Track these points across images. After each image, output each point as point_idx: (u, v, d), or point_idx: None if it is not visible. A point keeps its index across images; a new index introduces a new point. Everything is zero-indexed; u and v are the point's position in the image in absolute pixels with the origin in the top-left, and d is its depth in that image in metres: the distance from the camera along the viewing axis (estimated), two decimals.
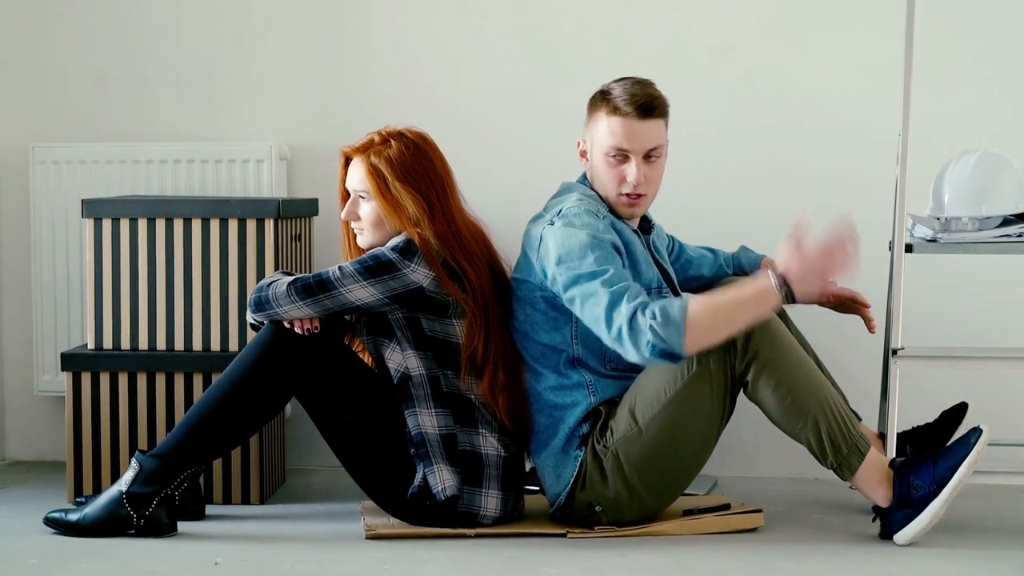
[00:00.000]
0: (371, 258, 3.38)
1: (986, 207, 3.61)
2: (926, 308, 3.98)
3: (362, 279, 3.36)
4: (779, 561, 3.23)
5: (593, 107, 3.50)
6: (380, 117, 3.55)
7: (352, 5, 4.26)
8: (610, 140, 3.46)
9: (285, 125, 4.26)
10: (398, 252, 3.37)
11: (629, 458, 3.37)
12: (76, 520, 3.40)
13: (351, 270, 3.37)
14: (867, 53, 4.09)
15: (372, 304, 3.38)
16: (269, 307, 3.38)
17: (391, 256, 3.37)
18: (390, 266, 3.36)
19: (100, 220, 3.78)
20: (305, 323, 3.39)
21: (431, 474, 3.37)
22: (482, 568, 3.18)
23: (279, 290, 3.38)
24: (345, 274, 3.36)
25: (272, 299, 3.38)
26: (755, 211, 4.05)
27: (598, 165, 3.49)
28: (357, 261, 3.38)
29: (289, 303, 3.37)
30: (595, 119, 3.49)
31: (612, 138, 3.46)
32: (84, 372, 3.78)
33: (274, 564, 3.21)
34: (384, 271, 3.36)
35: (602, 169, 3.49)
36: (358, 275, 3.36)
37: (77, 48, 4.31)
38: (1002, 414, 3.89)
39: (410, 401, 3.41)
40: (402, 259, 3.36)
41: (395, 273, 3.36)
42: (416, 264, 3.36)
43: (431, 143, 3.49)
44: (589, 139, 3.51)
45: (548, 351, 3.45)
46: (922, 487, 3.30)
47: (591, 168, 3.52)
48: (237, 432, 3.43)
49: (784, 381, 3.30)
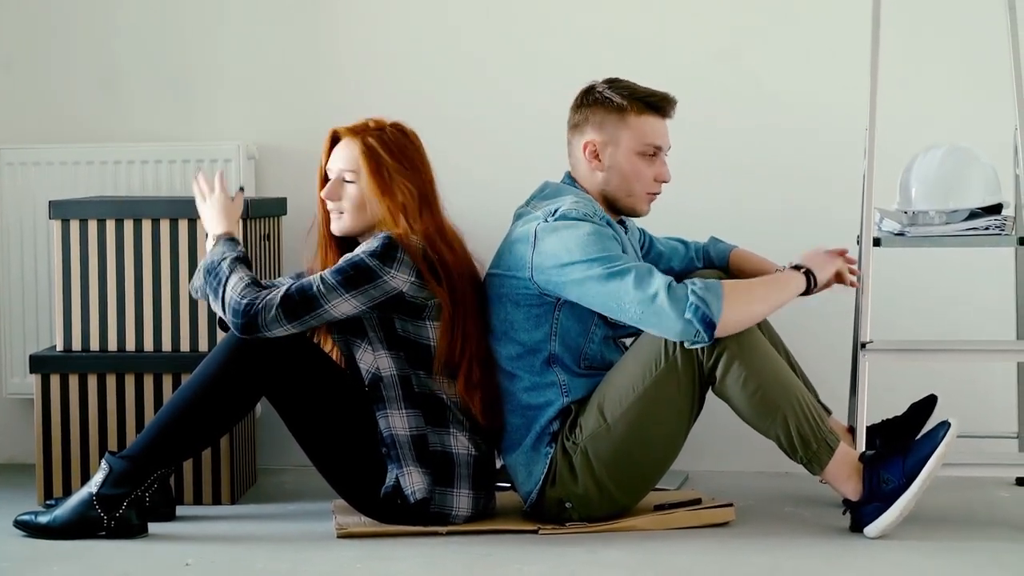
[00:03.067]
0: (350, 266, 3.34)
1: (953, 201, 3.63)
2: (894, 302, 4.00)
3: (344, 291, 3.32)
4: (750, 555, 3.24)
5: (611, 108, 3.49)
6: (350, 116, 3.54)
7: (321, 3, 4.25)
8: (646, 138, 3.49)
9: (253, 124, 4.25)
10: (377, 258, 3.34)
11: (598, 455, 3.38)
12: (46, 522, 3.39)
13: (333, 282, 3.32)
14: (832, 48, 4.10)
15: (354, 315, 3.37)
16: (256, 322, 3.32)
17: (370, 263, 3.33)
18: (370, 274, 3.33)
19: (68, 221, 3.77)
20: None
21: (402, 476, 3.37)
22: (454, 566, 3.18)
23: (269, 316, 3.32)
24: (328, 287, 3.32)
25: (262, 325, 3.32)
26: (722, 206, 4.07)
27: (626, 165, 3.49)
28: (337, 271, 3.33)
29: (277, 327, 3.33)
30: (618, 120, 3.48)
31: (649, 136, 3.49)
32: (53, 374, 3.76)
33: (246, 564, 3.20)
34: (365, 280, 3.33)
35: (632, 169, 3.49)
36: (340, 287, 3.32)
37: (43, 49, 4.29)
38: (971, 407, 3.90)
39: (381, 403, 3.40)
40: (382, 265, 3.34)
41: (375, 281, 3.34)
42: (396, 269, 3.34)
43: (419, 138, 3.49)
44: (610, 140, 3.49)
45: (525, 351, 3.44)
46: (892, 480, 3.31)
47: (610, 170, 3.50)
48: (207, 433, 3.42)
49: (752, 377, 3.31)
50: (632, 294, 3.29)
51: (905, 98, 4.00)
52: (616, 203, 3.52)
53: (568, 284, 3.35)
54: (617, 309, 3.32)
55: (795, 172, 4.13)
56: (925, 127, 4.02)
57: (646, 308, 3.28)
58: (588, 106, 3.52)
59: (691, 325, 3.25)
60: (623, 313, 3.31)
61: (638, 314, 3.29)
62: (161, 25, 4.28)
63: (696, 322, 3.25)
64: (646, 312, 3.28)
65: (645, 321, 3.30)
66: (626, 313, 3.31)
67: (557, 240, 3.37)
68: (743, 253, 3.71)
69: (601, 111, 3.50)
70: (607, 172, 3.51)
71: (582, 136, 3.52)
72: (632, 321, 3.31)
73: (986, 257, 3.97)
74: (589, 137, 3.51)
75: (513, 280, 3.44)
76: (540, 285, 3.39)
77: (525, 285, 3.42)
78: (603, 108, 3.50)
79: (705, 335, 3.26)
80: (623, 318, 3.32)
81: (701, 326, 3.25)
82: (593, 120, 3.51)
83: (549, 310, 3.42)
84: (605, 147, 3.50)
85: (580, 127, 3.53)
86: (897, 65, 3.89)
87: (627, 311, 3.31)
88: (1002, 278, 3.96)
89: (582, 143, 3.52)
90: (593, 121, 3.51)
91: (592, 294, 3.33)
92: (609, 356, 3.48)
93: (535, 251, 3.39)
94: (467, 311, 3.42)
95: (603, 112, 3.50)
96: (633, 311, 3.30)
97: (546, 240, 3.38)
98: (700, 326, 3.25)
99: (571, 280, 3.34)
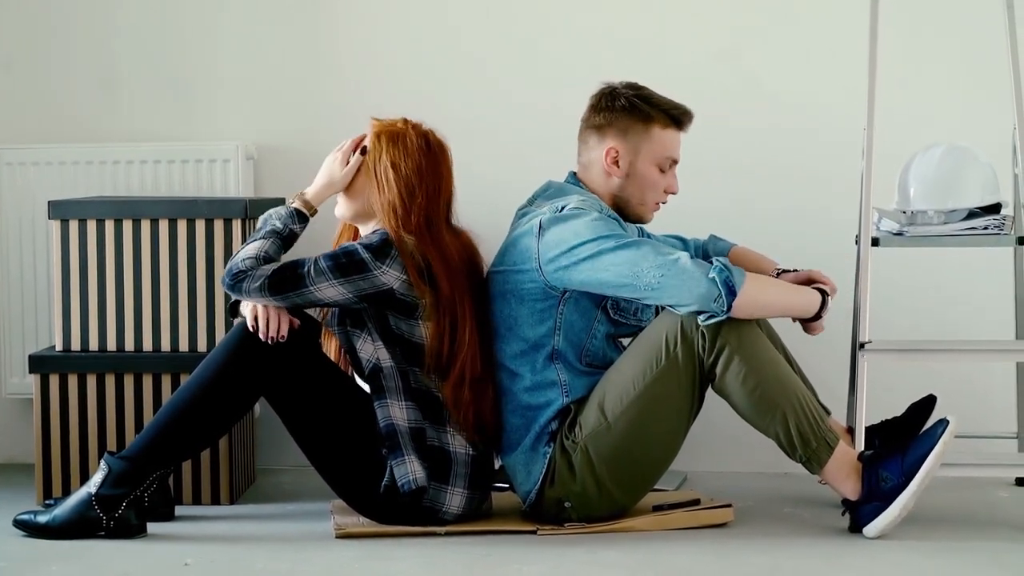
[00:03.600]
0: (344, 254, 3.36)
1: (952, 200, 3.62)
2: (893, 302, 4.00)
3: (332, 277, 3.35)
4: (749, 556, 3.24)
5: (637, 117, 3.50)
6: (348, 116, 3.56)
7: (320, 4, 4.25)
8: (666, 151, 3.52)
9: (252, 125, 4.25)
10: (371, 252, 3.35)
11: (598, 453, 3.38)
12: (45, 522, 3.39)
13: (323, 267, 3.35)
14: (831, 48, 4.10)
15: (340, 303, 3.38)
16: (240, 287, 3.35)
17: (364, 255, 3.35)
18: (361, 265, 3.35)
19: (67, 221, 3.77)
20: (271, 331, 3.37)
21: (399, 465, 3.35)
22: (452, 566, 3.18)
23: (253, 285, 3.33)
24: (318, 271, 3.34)
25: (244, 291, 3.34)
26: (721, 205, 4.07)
27: (645, 174, 3.51)
28: (330, 257, 3.36)
29: (259, 296, 3.35)
30: (643, 130, 3.49)
31: (669, 149, 3.53)
32: (52, 374, 3.76)
33: (245, 564, 3.20)
34: (355, 270, 3.35)
35: (650, 178, 3.51)
36: (329, 272, 3.34)
37: (43, 50, 4.29)
38: (970, 407, 3.89)
39: (381, 393, 3.40)
40: (374, 260, 3.35)
41: (365, 274, 3.35)
42: (388, 266, 3.35)
43: (446, 152, 3.50)
44: (633, 149, 3.50)
45: (528, 348, 3.44)
46: (891, 479, 3.31)
47: (628, 177, 3.51)
48: (206, 433, 3.42)
49: (752, 375, 3.31)
50: (651, 259, 3.29)
51: (904, 98, 4.00)
52: (625, 209, 3.53)
53: (578, 264, 3.34)
54: (632, 277, 3.30)
55: (794, 172, 4.12)
56: (924, 127, 4.02)
57: (667, 271, 3.28)
58: (613, 111, 3.51)
59: (715, 286, 3.25)
60: (639, 280, 3.30)
61: (657, 279, 3.28)
62: (160, 25, 4.28)
63: (719, 284, 3.25)
64: (667, 275, 3.28)
65: (664, 285, 3.28)
66: (643, 279, 3.29)
67: (564, 227, 3.37)
68: (742, 251, 3.71)
69: (627, 119, 3.51)
70: (624, 179, 3.52)
71: (603, 140, 3.52)
72: (649, 289, 3.29)
73: (985, 257, 3.97)
74: (612, 143, 3.51)
75: (518, 275, 3.44)
76: (547, 275, 3.39)
77: (531, 278, 3.42)
78: (629, 116, 3.50)
79: (725, 302, 3.25)
80: (639, 287, 3.30)
81: (723, 289, 3.25)
82: (618, 126, 3.51)
83: (554, 304, 3.42)
84: (627, 155, 3.51)
85: (602, 131, 3.52)
86: (896, 65, 3.89)
87: (645, 277, 3.29)
88: (1001, 278, 3.95)
89: (604, 148, 3.52)
90: (618, 127, 3.51)
91: (605, 266, 3.32)
92: (610, 355, 3.48)
93: (541, 241, 3.39)
94: (458, 324, 3.41)
95: (628, 120, 3.50)
96: (652, 276, 3.29)
97: (551, 229, 3.38)
98: (723, 288, 3.25)
99: (582, 259, 3.34)
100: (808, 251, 3.88)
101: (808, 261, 3.65)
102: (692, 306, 3.29)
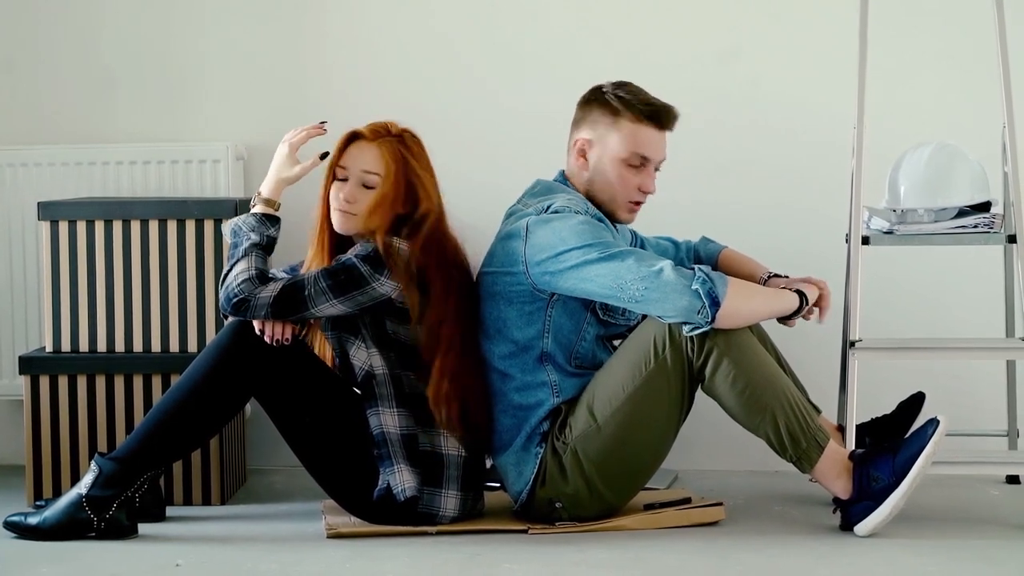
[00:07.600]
0: (343, 270, 3.34)
1: (941, 199, 3.63)
2: (883, 300, 4.00)
3: (333, 297, 3.33)
4: (740, 554, 3.24)
5: (607, 110, 3.47)
6: (337, 117, 3.54)
7: (308, 5, 4.25)
8: (634, 148, 3.46)
9: (241, 125, 4.25)
10: (368, 264, 3.34)
11: (588, 455, 3.38)
12: (36, 524, 3.38)
13: (324, 286, 3.33)
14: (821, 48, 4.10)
15: (338, 316, 3.38)
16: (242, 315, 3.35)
17: (362, 269, 3.33)
18: (360, 280, 3.33)
19: (57, 222, 3.77)
20: (276, 334, 3.37)
21: (392, 475, 3.37)
22: (444, 565, 3.18)
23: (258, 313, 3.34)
24: (319, 291, 3.33)
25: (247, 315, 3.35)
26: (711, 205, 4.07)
27: (609, 169, 3.48)
28: (329, 275, 3.34)
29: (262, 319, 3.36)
30: (611, 123, 3.47)
31: (637, 146, 3.46)
32: (42, 375, 3.76)
33: (236, 565, 3.20)
34: (354, 286, 3.34)
35: (615, 174, 3.48)
36: (330, 292, 3.33)
37: (32, 51, 4.29)
38: (960, 405, 3.92)
39: (373, 400, 3.40)
40: (372, 272, 3.34)
41: (364, 288, 3.34)
42: (386, 276, 3.35)
43: None
44: (597, 141, 3.49)
45: (517, 349, 3.44)
46: (882, 479, 3.32)
47: (594, 170, 3.50)
48: (196, 434, 3.42)
49: (741, 375, 3.31)
50: (635, 271, 3.28)
51: (893, 96, 4.00)
52: (600, 207, 3.50)
53: (564, 272, 3.34)
54: (617, 289, 3.30)
55: (784, 171, 4.12)
56: (913, 125, 4.02)
57: (650, 283, 3.27)
58: (588, 104, 3.52)
59: (698, 298, 3.24)
60: (623, 292, 3.29)
61: (640, 291, 3.28)
62: (150, 26, 4.27)
63: (703, 295, 3.24)
64: (650, 287, 3.27)
65: (648, 298, 3.28)
66: (627, 291, 3.29)
67: (549, 231, 3.36)
68: (732, 254, 3.71)
69: (597, 111, 3.49)
70: (591, 172, 3.50)
71: (577, 132, 3.52)
72: (632, 301, 3.29)
73: (975, 255, 3.97)
74: (581, 135, 3.51)
75: (506, 277, 3.43)
76: (534, 279, 3.39)
77: (519, 281, 3.41)
78: (600, 108, 3.49)
79: (709, 313, 3.25)
80: (623, 299, 3.30)
81: (707, 300, 3.24)
82: (589, 119, 3.50)
83: (542, 307, 3.42)
84: (592, 147, 3.49)
85: (578, 123, 3.53)
86: (885, 63, 3.89)
87: (629, 289, 3.29)
88: (991, 276, 3.96)
89: (574, 139, 3.52)
90: (589, 119, 3.50)
91: (590, 277, 3.31)
92: (600, 356, 3.48)
93: (527, 244, 3.39)
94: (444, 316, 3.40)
95: (599, 112, 3.49)
96: (636, 288, 3.28)
97: (537, 232, 3.38)
98: (706, 300, 3.24)
99: (567, 267, 3.33)
100: (798, 250, 3.89)
101: (798, 260, 3.66)
102: (676, 318, 3.29)
